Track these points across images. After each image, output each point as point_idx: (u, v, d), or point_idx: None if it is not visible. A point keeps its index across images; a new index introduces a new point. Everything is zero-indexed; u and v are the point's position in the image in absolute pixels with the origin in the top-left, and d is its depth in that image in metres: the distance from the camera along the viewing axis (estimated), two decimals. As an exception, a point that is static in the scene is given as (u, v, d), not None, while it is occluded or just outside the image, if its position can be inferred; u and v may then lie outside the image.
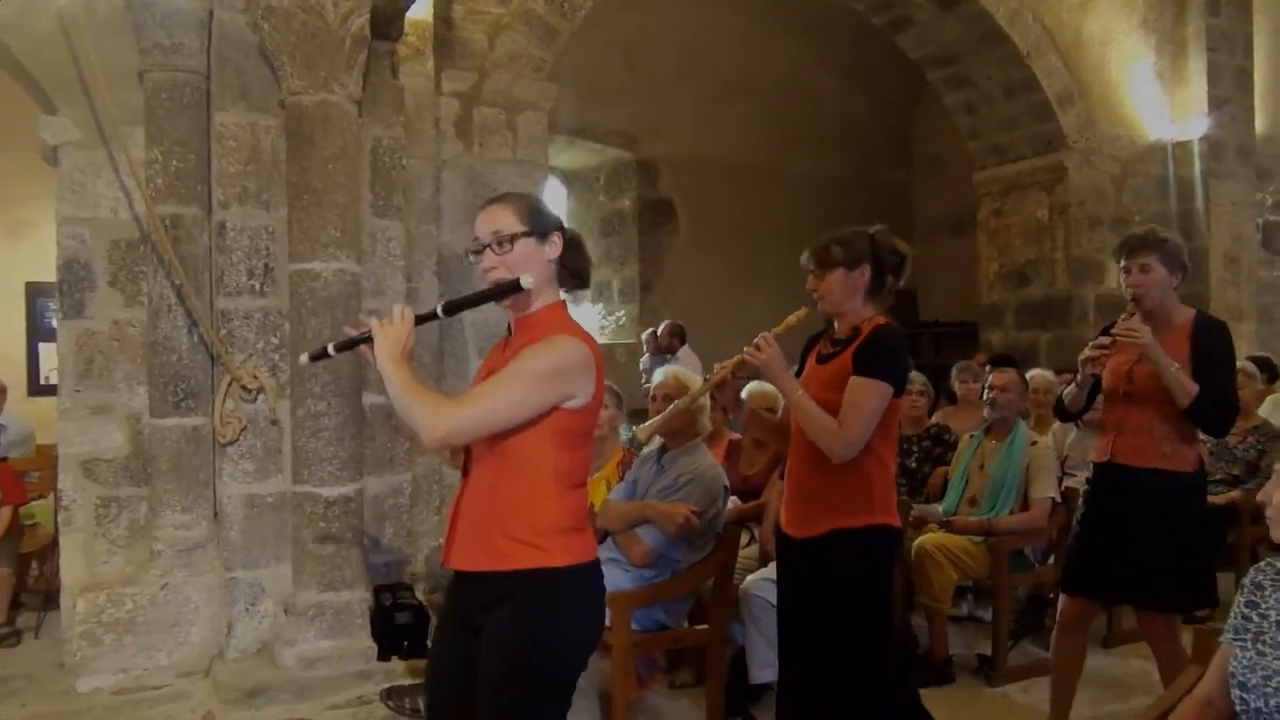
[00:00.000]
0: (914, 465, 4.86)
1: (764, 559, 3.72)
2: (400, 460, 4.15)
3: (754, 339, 2.58)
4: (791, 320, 2.65)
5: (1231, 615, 1.81)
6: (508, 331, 2.10)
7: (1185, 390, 2.82)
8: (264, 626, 3.77)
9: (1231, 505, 4.73)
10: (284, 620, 3.65)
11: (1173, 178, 7.67)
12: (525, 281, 1.91)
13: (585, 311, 10.26)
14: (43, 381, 7.15)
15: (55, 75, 3.85)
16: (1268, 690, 1.68)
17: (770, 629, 3.02)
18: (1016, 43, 7.01)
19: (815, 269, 2.66)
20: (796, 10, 9.30)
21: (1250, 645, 1.75)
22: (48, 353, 6.88)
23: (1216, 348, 2.93)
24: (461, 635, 2.01)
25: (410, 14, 4.24)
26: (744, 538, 3.75)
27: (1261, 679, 1.70)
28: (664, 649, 3.58)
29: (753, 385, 3.70)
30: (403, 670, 3.58)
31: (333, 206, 3.64)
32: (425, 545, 4.38)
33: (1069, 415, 3.34)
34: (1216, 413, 2.90)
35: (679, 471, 3.35)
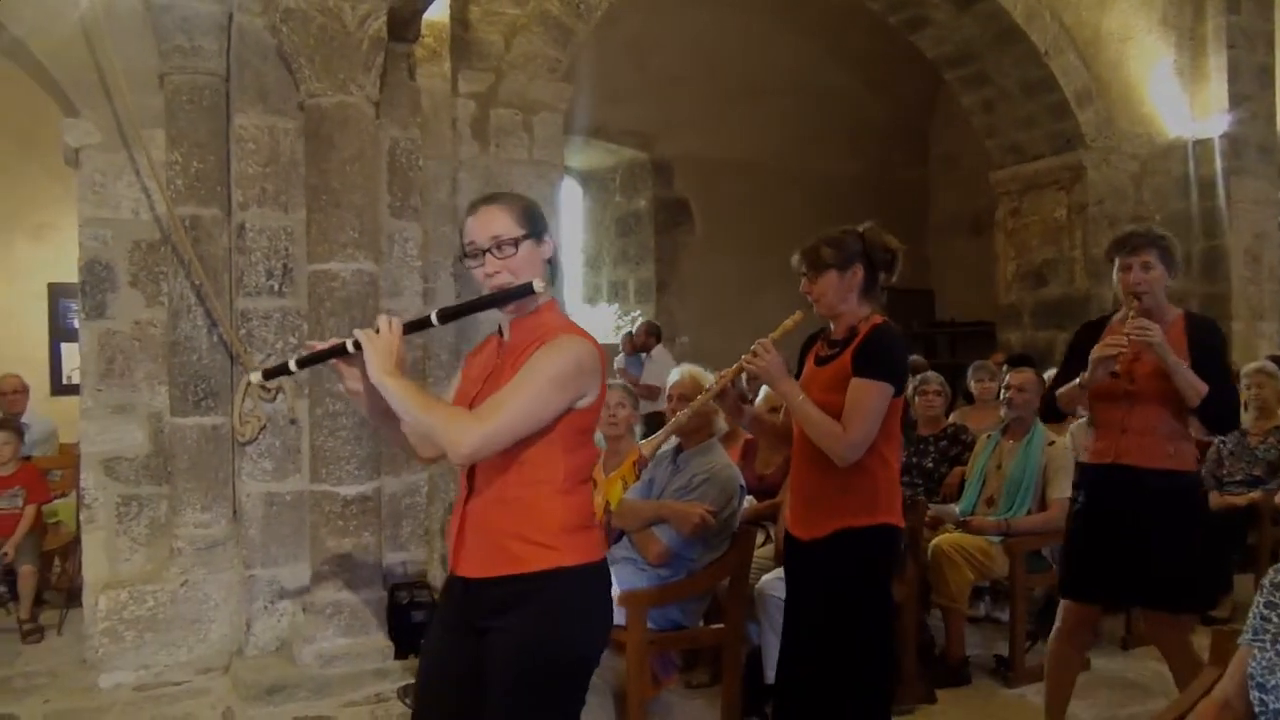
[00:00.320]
0: (931, 465, 4.84)
1: (779, 558, 3.69)
2: (415, 460, 4.16)
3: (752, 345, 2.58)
4: (788, 324, 2.63)
5: (1250, 616, 1.80)
6: (499, 333, 2.05)
7: (1196, 389, 2.79)
8: (282, 624, 3.81)
9: (1252, 506, 4.69)
10: (302, 618, 3.68)
11: (1193, 176, 7.60)
12: (538, 285, 1.90)
13: (601, 312, 10.26)
14: (65, 381, 7.25)
15: (77, 79, 3.90)
16: (1287, 692, 1.67)
17: (786, 629, 3.02)
18: (1034, 41, 6.96)
19: (807, 271, 2.64)
20: (812, 10, 9.28)
21: (1269, 646, 1.73)
22: (70, 353, 6.96)
23: (1216, 345, 2.93)
24: (463, 637, 1.98)
25: (427, 16, 4.26)
26: (760, 537, 3.75)
27: (1281, 680, 1.69)
28: (680, 648, 3.58)
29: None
30: (420, 668, 3.60)
31: (350, 207, 3.67)
32: (441, 544, 4.40)
33: (1056, 415, 3.21)
34: (1225, 410, 2.89)
35: (695, 471, 3.36)
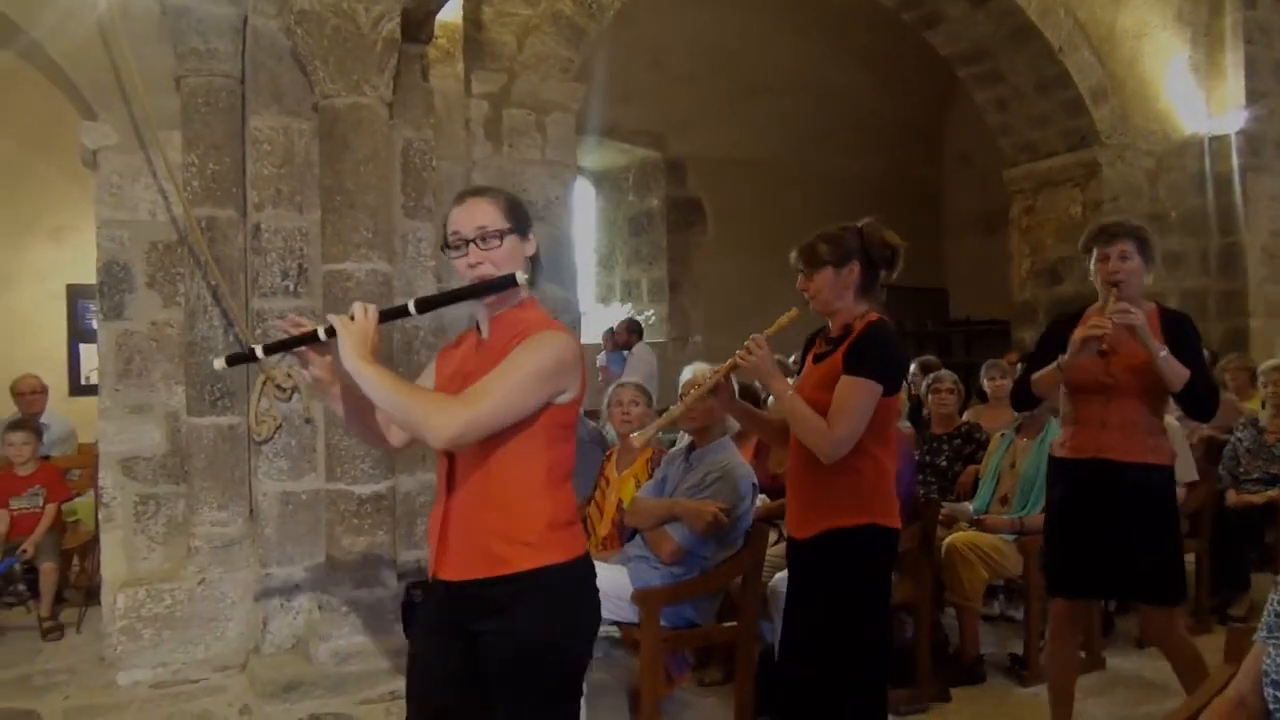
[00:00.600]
0: (944, 463, 4.82)
1: (792, 557, 3.71)
2: (431, 458, 4.19)
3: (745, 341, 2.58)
4: (783, 321, 2.60)
5: (1265, 614, 1.79)
6: (475, 328, 2.05)
7: (1178, 374, 2.81)
8: (298, 622, 3.83)
9: (1270, 504, 4.66)
10: (318, 616, 3.70)
11: (1209, 172, 7.56)
12: (521, 277, 1.88)
13: (614, 312, 10.27)
14: (83, 381, 7.32)
15: (95, 81, 3.93)
16: (1301, 689, 1.66)
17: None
18: (1048, 38, 6.94)
19: (803, 268, 2.63)
20: (825, 8, 9.26)
21: (1284, 644, 1.72)
22: (88, 353, 7.04)
23: (1191, 334, 2.97)
24: (449, 640, 1.96)
25: (440, 16, 4.28)
26: (772, 535, 3.75)
27: (1295, 678, 1.68)
28: (693, 646, 3.59)
29: None
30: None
31: (365, 208, 3.69)
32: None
33: (1030, 401, 3.20)
34: (1207, 395, 2.92)
35: (707, 469, 3.36)
